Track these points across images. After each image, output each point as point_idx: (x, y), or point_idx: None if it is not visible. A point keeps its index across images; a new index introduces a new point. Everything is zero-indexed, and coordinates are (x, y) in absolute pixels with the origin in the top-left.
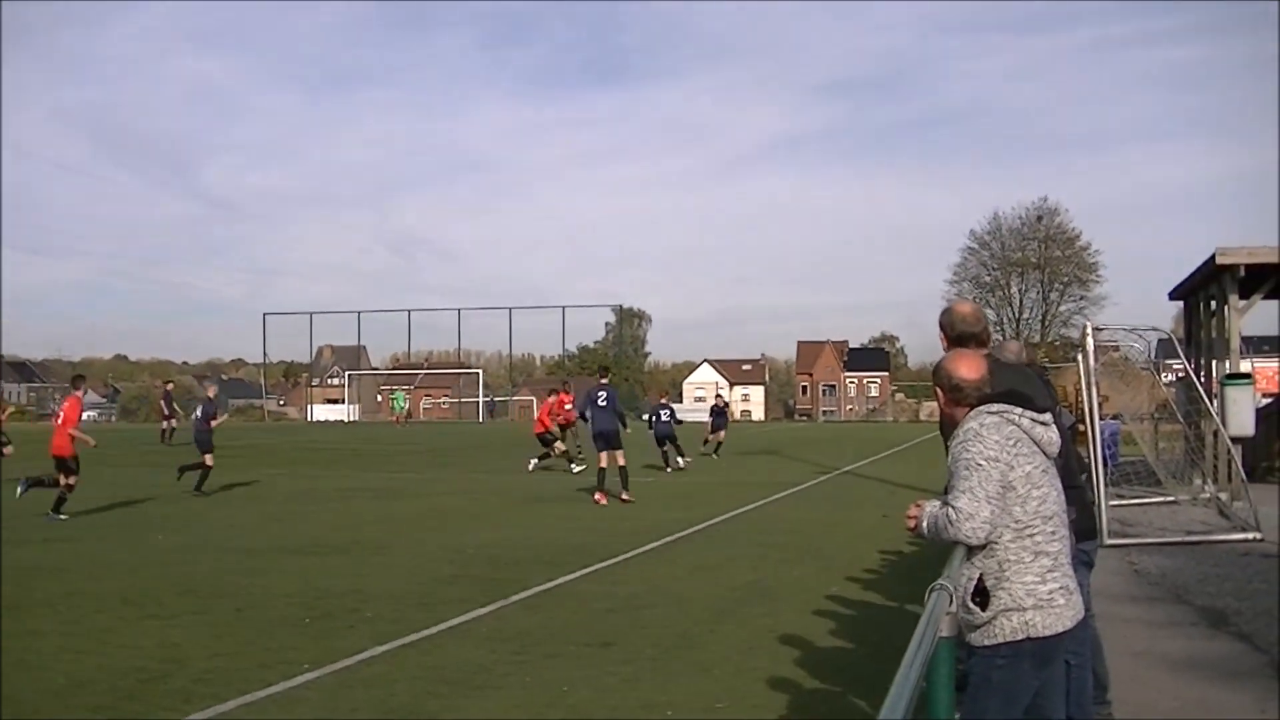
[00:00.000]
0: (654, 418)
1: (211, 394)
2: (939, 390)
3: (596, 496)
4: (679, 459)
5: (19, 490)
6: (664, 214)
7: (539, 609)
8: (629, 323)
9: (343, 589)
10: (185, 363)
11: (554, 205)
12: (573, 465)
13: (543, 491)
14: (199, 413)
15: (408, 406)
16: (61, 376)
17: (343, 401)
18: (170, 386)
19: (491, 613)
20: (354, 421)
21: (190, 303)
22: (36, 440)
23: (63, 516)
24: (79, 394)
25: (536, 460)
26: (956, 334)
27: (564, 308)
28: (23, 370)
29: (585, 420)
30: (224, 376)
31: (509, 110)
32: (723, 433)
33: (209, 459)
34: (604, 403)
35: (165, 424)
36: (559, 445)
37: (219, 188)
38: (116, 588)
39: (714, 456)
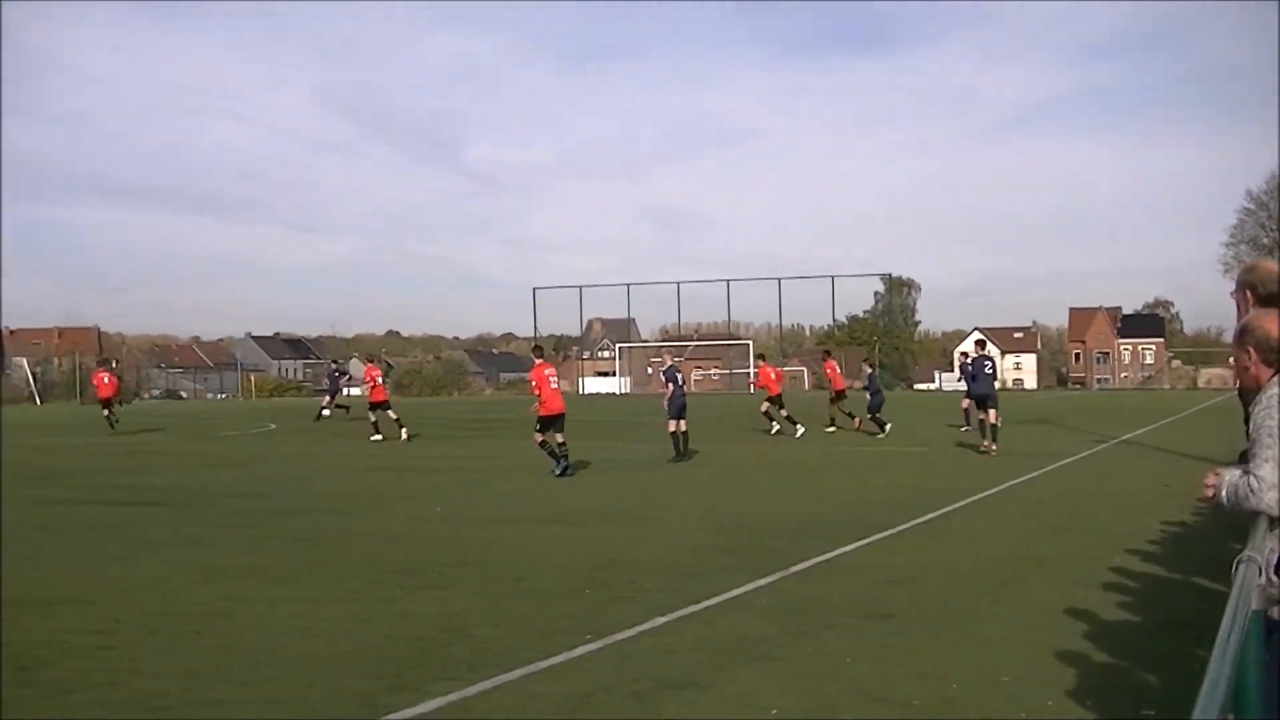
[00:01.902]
0: (868, 387)
1: (669, 361)
2: (1250, 350)
3: (984, 445)
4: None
5: (567, 471)
6: (930, 180)
7: (816, 580)
8: (898, 291)
9: (618, 559)
10: (456, 338)
11: (818, 174)
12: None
13: (808, 461)
14: (679, 377)
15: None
16: (336, 352)
17: (613, 374)
18: (335, 366)
19: (769, 584)
20: (625, 394)
21: (460, 278)
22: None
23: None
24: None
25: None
26: (1267, 293)
27: (833, 277)
28: (298, 347)
29: (971, 381)
30: (494, 351)
31: (769, 78)
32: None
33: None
34: (989, 371)
35: (328, 400)
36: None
37: (483, 163)
38: (396, 557)
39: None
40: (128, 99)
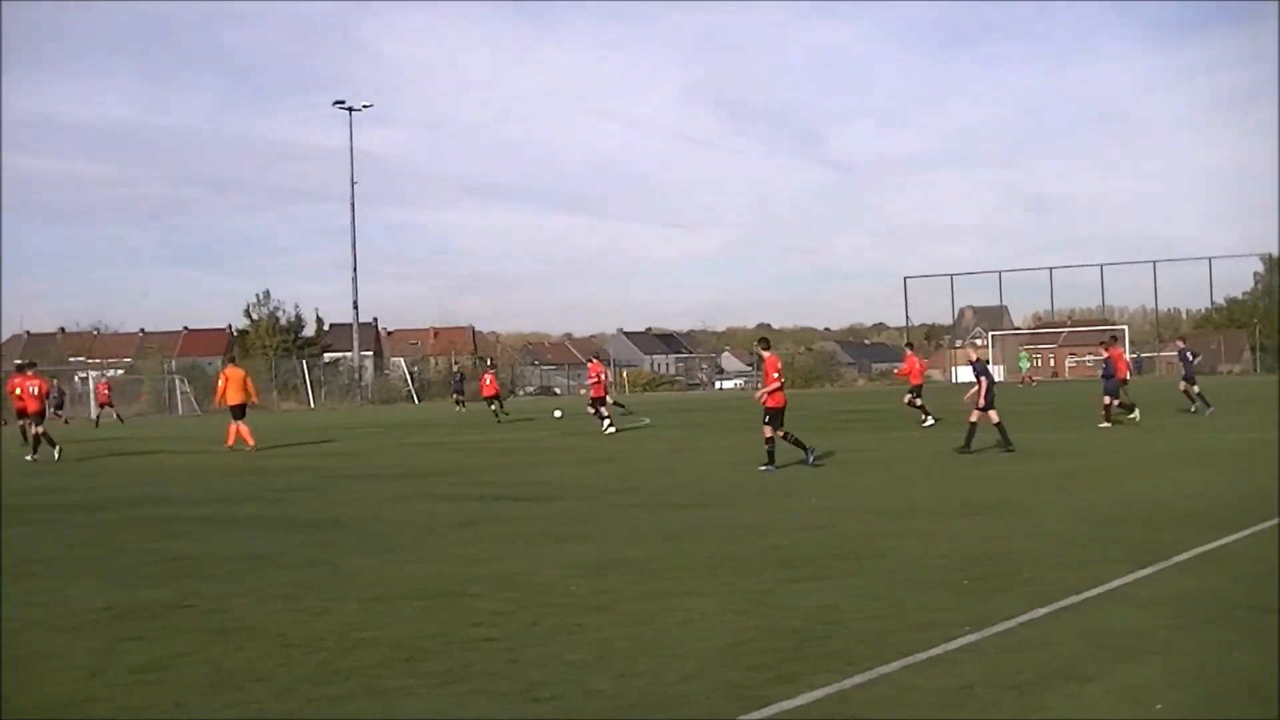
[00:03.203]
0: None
1: (975, 356)
2: None
3: None
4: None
5: (813, 459)
6: None
7: (1197, 572)
8: (1278, 272)
9: (995, 550)
10: (827, 329)
11: (1192, 153)
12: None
13: (1172, 450)
14: (989, 371)
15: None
16: (707, 346)
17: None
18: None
19: (1149, 575)
20: (998, 382)
21: (829, 269)
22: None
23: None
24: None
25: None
26: None
27: (1210, 259)
28: (670, 341)
29: None
30: (865, 341)
31: (1140, 57)
32: None
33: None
34: None
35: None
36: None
37: (847, 153)
38: (771, 550)
39: None
40: (497, 102)
